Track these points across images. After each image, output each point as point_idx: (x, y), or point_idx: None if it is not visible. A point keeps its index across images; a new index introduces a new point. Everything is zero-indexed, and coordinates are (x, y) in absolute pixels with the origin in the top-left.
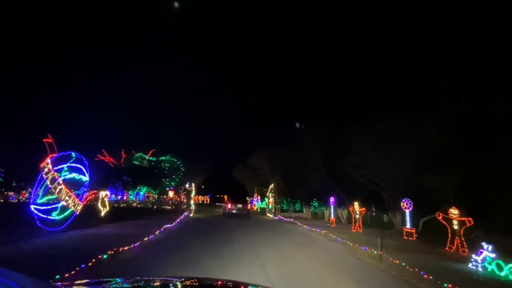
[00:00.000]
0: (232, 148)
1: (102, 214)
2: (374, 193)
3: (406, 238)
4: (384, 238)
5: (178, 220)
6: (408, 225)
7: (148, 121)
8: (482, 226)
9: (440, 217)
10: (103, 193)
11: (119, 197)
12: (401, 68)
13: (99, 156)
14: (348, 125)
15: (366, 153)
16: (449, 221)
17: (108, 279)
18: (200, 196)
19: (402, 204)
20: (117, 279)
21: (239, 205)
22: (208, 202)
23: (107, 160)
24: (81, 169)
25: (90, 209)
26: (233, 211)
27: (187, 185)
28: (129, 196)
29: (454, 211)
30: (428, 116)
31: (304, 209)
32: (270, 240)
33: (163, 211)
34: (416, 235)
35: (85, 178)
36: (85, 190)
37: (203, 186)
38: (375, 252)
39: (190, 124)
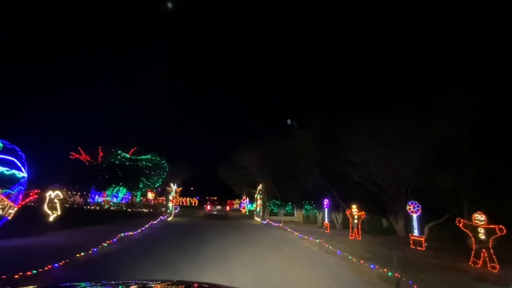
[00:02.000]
0: (221, 147)
1: (51, 219)
2: (374, 195)
3: (413, 247)
4: (386, 247)
5: (148, 225)
6: (416, 232)
7: (132, 117)
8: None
9: (461, 224)
10: (52, 193)
11: (99, 198)
12: (407, 56)
13: (73, 153)
14: (347, 119)
15: (367, 149)
16: (474, 229)
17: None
18: (189, 198)
19: (408, 207)
20: (81, 283)
21: (218, 207)
22: (196, 204)
23: (82, 159)
24: (14, 162)
25: (35, 213)
26: (213, 212)
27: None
28: (107, 198)
29: (480, 217)
30: (439, 107)
31: (295, 212)
32: (252, 254)
33: (139, 214)
34: (425, 244)
35: (21, 174)
36: (21, 189)
37: (192, 188)
38: (389, 273)
39: (176, 121)
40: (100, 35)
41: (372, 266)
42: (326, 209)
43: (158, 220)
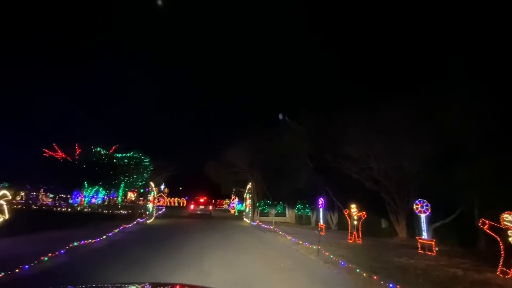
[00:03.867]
0: (210, 144)
1: None
2: (372, 193)
3: (421, 252)
4: (393, 253)
5: (118, 229)
6: (424, 235)
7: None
8: None
9: (486, 227)
10: None
11: (78, 199)
12: (408, 41)
13: (46, 151)
14: (344, 110)
15: (366, 143)
16: (502, 232)
17: None
18: (177, 198)
19: (415, 206)
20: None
21: (201, 207)
22: (185, 204)
23: (57, 156)
24: None
25: None
26: (197, 212)
27: (162, 186)
28: (85, 199)
29: (510, 217)
30: (445, 97)
31: (287, 212)
32: (236, 268)
33: (116, 217)
34: (436, 248)
35: None
36: None
37: (180, 188)
38: None
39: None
40: (80, 31)
41: (391, 286)
42: (321, 209)
43: (135, 223)
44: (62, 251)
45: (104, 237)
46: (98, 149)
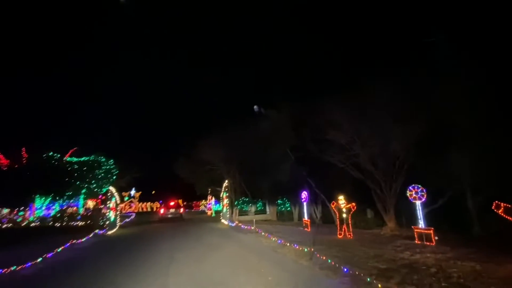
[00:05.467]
0: (180, 141)
1: None
2: (357, 182)
3: (419, 242)
4: (391, 247)
5: (63, 247)
6: (421, 224)
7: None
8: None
9: (501, 210)
10: None
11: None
12: (387, 16)
13: None
14: (327, 95)
15: (351, 127)
16: None
17: None
18: (150, 202)
19: (408, 193)
20: None
21: (171, 210)
22: (158, 209)
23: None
24: None
25: None
26: (168, 215)
27: (132, 191)
28: (37, 210)
29: None
30: (432, 74)
31: (267, 209)
32: (212, 286)
33: (71, 230)
34: (436, 237)
35: None
36: None
37: (153, 192)
38: None
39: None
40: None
41: None
42: (305, 203)
43: (91, 235)
44: None
45: (40, 260)
46: (51, 153)
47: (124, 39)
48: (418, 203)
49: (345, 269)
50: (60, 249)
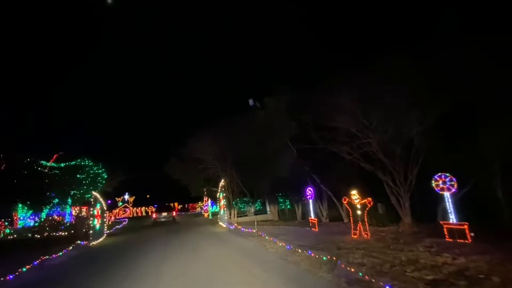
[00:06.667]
0: (172, 140)
1: None
2: (366, 175)
3: (450, 240)
4: (423, 248)
5: (31, 265)
6: (452, 218)
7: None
8: None
9: None
10: None
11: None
12: None
13: None
14: (332, 77)
15: (361, 112)
16: None
17: None
18: (145, 207)
19: (435, 183)
20: None
21: (164, 213)
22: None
23: None
24: None
25: None
26: (161, 219)
27: (126, 196)
28: (19, 221)
29: None
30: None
31: (268, 208)
32: None
33: (52, 241)
34: (472, 234)
35: None
36: None
37: (148, 196)
38: None
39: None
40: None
41: None
42: (310, 201)
43: (71, 248)
44: None
45: None
46: (28, 159)
47: (113, 39)
48: (447, 194)
49: (387, 286)
50: (26, 268)
